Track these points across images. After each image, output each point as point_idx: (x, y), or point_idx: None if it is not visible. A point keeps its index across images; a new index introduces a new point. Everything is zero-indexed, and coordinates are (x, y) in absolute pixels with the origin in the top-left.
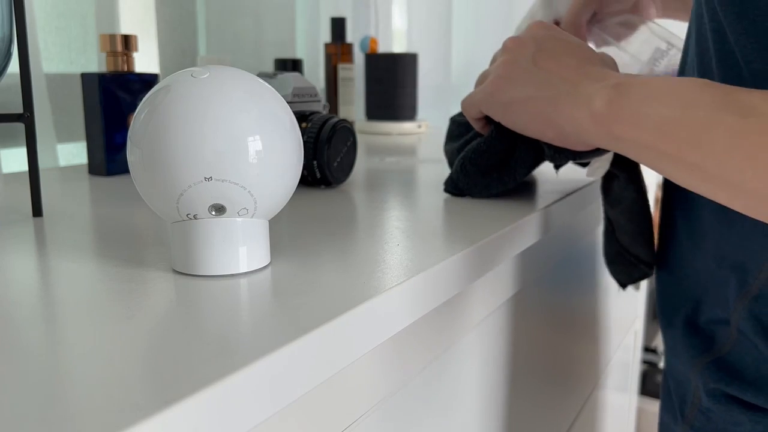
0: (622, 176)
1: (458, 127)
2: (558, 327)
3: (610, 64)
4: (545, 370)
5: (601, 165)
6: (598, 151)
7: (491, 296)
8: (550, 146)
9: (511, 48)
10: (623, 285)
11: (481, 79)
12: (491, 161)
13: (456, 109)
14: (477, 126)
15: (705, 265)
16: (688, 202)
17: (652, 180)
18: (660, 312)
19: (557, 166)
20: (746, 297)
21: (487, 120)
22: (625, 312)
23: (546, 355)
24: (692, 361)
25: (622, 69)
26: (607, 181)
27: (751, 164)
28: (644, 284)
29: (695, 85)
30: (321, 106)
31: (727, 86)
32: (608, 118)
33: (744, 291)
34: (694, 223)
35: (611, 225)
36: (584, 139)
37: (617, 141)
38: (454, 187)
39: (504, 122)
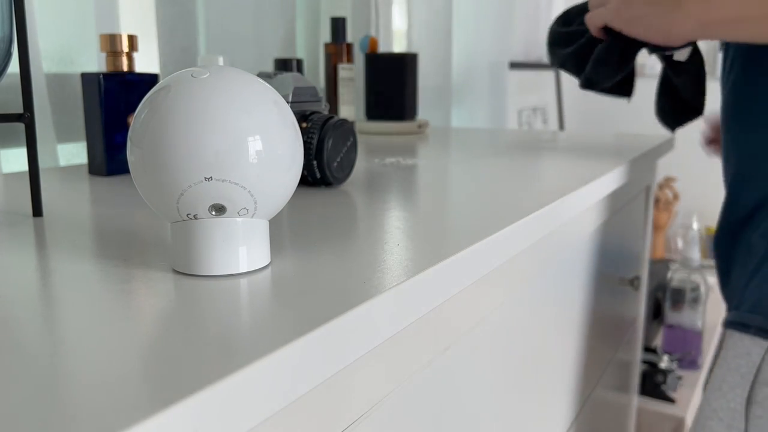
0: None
1: (566, 36)
2: (559, 327)
3: None
4: (546, 369)
5: (685, 51)
6: (685, 46)
7: (491, 296)
8: (651, 45)
9: None
10: (673, 128)
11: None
12: (613, 57)
13: (457, 110)
14: (598, 34)
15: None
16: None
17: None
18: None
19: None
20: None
21: (605, 29)
22: (626, 312)
23: (546, 355)
24: None
25: None
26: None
27: None
28: (644, 284)
29: None
30: (321, 106)
31: None
32: (698, 13)
33: None
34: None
35: (673, 88)
36: (684, 37)
37: (708, 27)
38: (588, 82)
39: (625, 32)
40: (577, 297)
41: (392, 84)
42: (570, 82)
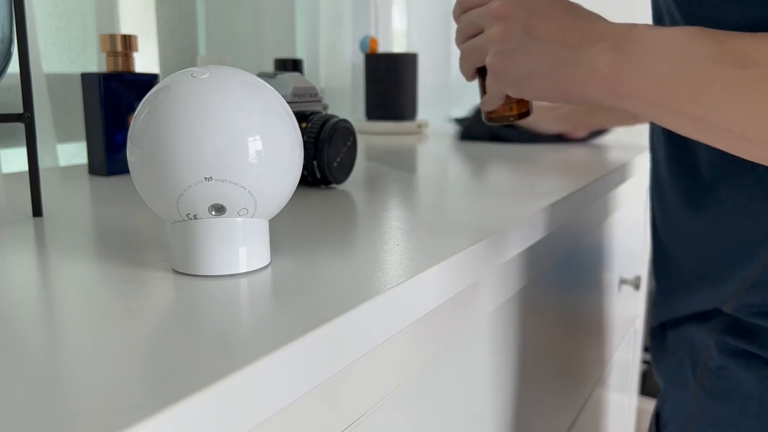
0: None
1: None
2: (559, 327)
3: (593, 13)
4: (546, 369)
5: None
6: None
7: (491, 296)
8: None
9: (501, 15)
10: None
11: (464, 36)
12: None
13: (457, 111)
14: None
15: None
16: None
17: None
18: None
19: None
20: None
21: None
22: (625, 312)
23: (547, 355)
24: (708, 325)
25: None
26: None
27: (752, 114)
28: (644, 284)
29: (687, 35)
30: (321, 106)
31: (718, 33)
32: (611, 78)
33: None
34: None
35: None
36: (588, 98)
37: (621, 98)
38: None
39: (512, 94)
40: (577, 297)
41: (392, 84)
42: None
